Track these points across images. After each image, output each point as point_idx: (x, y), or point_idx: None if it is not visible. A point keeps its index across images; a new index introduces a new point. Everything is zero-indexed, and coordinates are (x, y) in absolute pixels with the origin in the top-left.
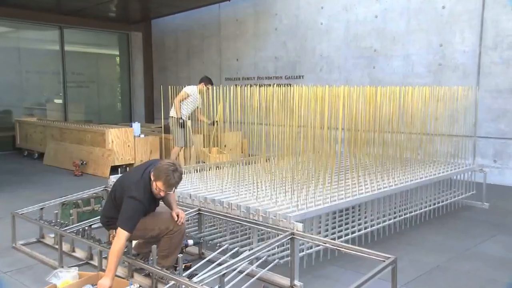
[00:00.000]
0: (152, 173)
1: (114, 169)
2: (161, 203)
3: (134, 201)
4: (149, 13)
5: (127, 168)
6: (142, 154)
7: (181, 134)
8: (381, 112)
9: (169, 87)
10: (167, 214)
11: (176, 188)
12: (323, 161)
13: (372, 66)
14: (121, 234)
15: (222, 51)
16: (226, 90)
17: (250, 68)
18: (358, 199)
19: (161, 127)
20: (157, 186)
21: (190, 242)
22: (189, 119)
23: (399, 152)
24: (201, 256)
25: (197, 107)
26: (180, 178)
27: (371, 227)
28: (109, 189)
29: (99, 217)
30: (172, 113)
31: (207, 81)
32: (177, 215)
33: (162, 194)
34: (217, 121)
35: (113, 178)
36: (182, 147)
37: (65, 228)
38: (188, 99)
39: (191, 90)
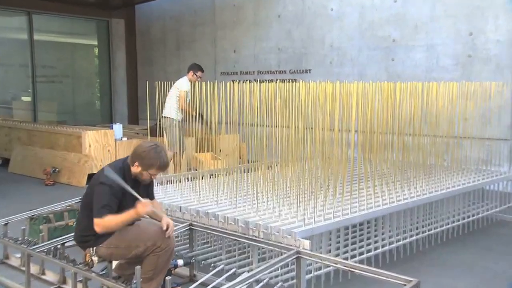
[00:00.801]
0: (133, 161)
1: (91, 178)
2: (146, 217)
3: (104, 186)
4: None
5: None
6: None
7: (179, 138)
8: (401, 111)
9: (156, 83)
10: (154, 227)
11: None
12: (333, 168)
13: (390, 59)
14: (99, 222)
15: (217, 41)
16: (221, 86)
17: (249, 61)
18: (374, 212)
19: (147, 129)
20: (148, 173)
21: (180, 262)
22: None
23: (422, 158)
24: (192, 279)
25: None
26: (166, 155)
27: (389, 245)
28: None
29: (73, 233)
30: (168, 112)
31: (196, 68)
32: (166, 226)
33: (154, 177)
34: (203, 117)
35: None
36: (176, 153)
37: (34, 247)
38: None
39: (187, 85)
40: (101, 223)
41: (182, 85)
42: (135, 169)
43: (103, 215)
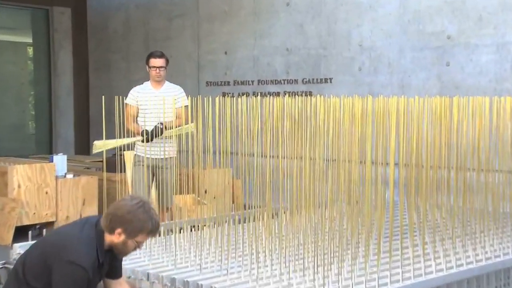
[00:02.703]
0: (112, 228)
1: (20, 232)
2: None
3: (75, 268)
4: None
5: (44, 230)
6: (69, 206)
7: (147, 186)
8: (461, 137)
9: (116, 97)
10: None
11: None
12: (365, 217)
13: (444, 63)
14: None
15: (202, 39)
16: (207, 102)
17: (246, 65)
18: (425, 282)
19: (102, 161)
20: (135, 241)
21: None
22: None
23: (492, 203)
24: None
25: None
26: (157, 214)
27: None
28: (12, 266)
29: None
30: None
31: (153, 54)
32: None
33: (140, 246)
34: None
35: (19, 248)
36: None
37: None
38: (141, 110)
39: (142, 95)
40: None
41: (138, 93)
42: (116, 238)
43: None
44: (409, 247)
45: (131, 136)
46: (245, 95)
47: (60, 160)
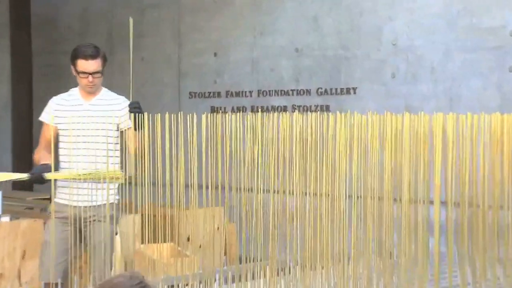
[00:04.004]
0: None
1: None
2: None
3: None
4: None
5: None
6: (3, 259)
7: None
8: None
9: None
10: None
11: None
12: (401, 273)
13: (505, 67)
14: None
15: (184, 37)
16: (190, 120)
17: (243, 71)
18: None
19: (49, 198)
20: None
21: None
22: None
23: None
24: None
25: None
26: None
27: None
28: None
29: None
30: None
31: (73, 55)
32: None
33: None
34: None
35: None
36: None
37: None
38: (61, 131)
39: (63, 108)
40: None
41: (56, 104)
42: None
43: None
44: None
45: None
46: (241, 111)
47: None
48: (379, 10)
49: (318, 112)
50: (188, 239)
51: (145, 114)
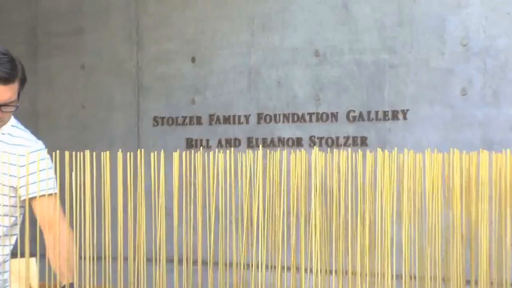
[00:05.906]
0: None
1: None
2: None
3: None
4: None
5: None
6: None
7: None
8: None
9: None
10: None
11: None
12: None
13: None
14: None
15: (145, 34)
16: (154, 159)
17: (234, 85)
18: None
19: None
20: None
21: None
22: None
23: None
24: None
25: None
26: None
27: None
28: None
29: None
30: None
31: None
32: None
33: None
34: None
35: None
36: None
37: None
38: None
39: None
40: None
41: None
42: None
43: None
44: None
45: None
46: (232, 146)
47: None
48: None
49: (350, 148)
50: None
51: (86, 152)
